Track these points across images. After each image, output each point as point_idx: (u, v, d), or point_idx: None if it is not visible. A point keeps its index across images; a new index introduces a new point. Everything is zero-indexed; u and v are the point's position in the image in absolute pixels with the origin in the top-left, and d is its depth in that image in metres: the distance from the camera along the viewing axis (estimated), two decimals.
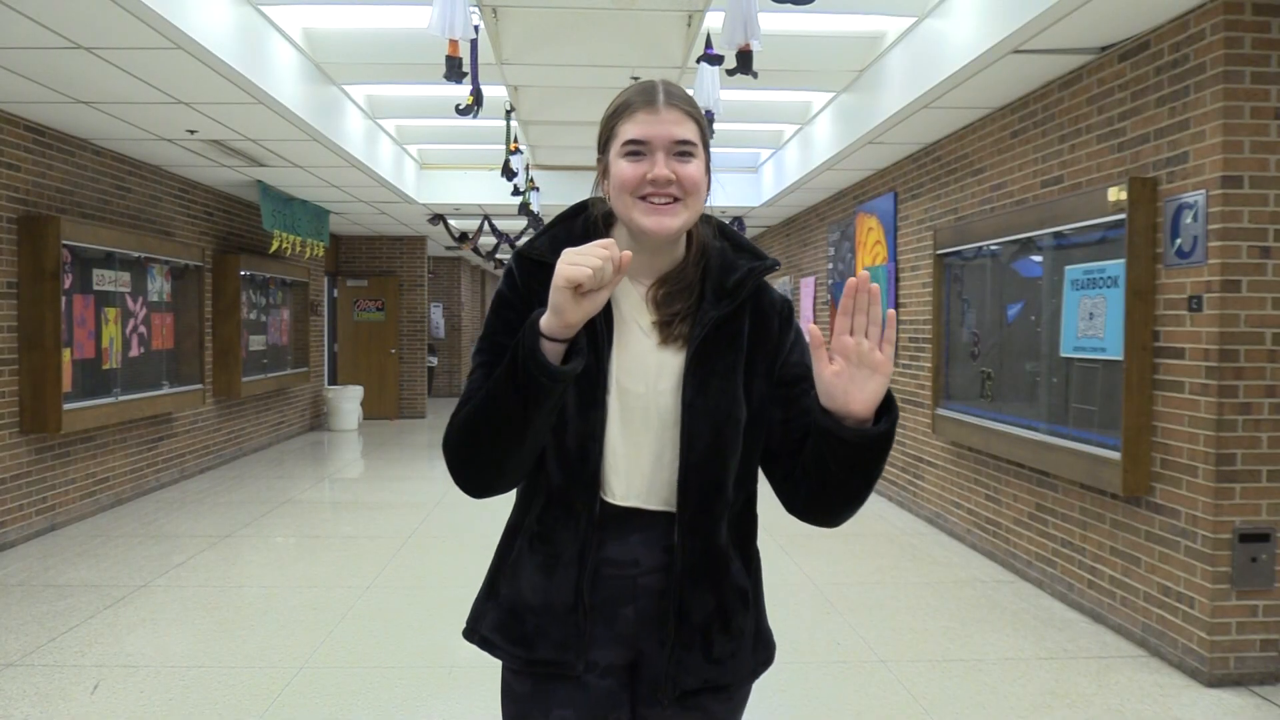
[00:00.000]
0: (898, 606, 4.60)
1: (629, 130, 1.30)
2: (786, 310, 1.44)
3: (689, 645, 1.36)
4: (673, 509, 1.35)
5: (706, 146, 1.35)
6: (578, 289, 1.15)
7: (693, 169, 1.30)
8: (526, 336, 1.19)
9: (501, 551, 1.43)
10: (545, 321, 1.20)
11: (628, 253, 1.17)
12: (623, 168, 1.30)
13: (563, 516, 1.34)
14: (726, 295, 1.36)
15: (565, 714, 1.36)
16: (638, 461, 1.34)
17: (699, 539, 1.35)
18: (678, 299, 1.36)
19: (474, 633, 1.43)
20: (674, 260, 1.39)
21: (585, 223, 1.41)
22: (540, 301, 1.27)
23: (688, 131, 1.30)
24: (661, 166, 1.28)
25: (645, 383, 1.34)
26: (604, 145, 1.36)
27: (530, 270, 1.37)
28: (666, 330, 1.34)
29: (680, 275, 1.37)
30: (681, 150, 1.30)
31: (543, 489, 1.35)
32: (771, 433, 1.40)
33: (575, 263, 1.15)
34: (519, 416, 1.21)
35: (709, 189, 1.36)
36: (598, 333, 1.32)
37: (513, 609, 1.38)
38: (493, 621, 1.40)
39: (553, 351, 1.20)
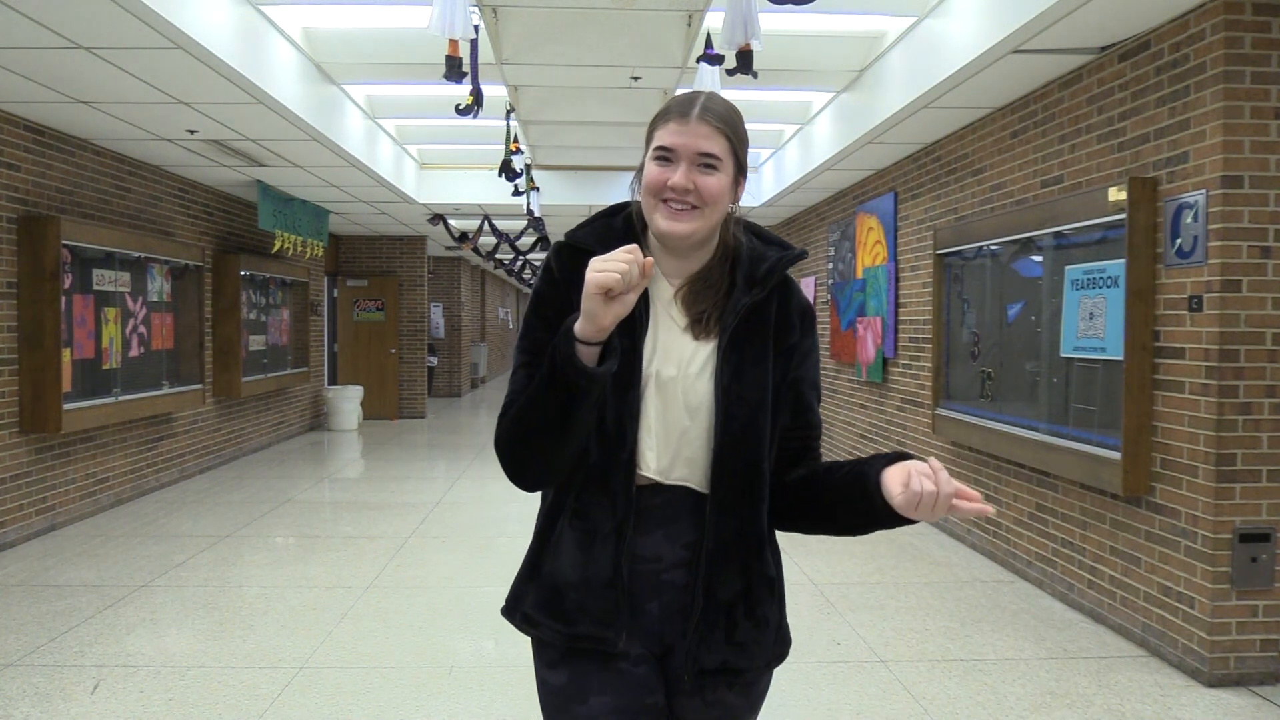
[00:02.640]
0: (898, 606, 4.60)
1: (661, 137, 1.38)
2: (810, 317, 1.50)
3: (713, 624, 1.41)
4: (699, 488, 1.41)
5: (739, 160, 1.41)
6: (608, 293, 1.23)
7: (713, 181, 1.37)
8: (562, 343, 1.28)
9: (543, 532, 1.46)
10: (579, 326, 1.28)
11: (650, 259, 1.25)
12: (650, 170, 1.39)
13: (600, 494, 1.39)
14: (758, 284, 1.44)
15: (603, 700, 1.40)
16: (667, 439, 1.40)
17: (734, 520, 1.41)
18: (704, 297, 1.44)
19: (515, 611, 1.47)
20: (703, 262, 1.47)
21: (625, 219, 1.49)
22: (578, 288, 1.36)
23: (714, 146, 1.36)
24: (681, 175, 1.36)
25: (678, 367, 1.41)
26: (646, 144, 1.44)
27: (570, 261, 1.44)
28: (699, 327, 1.42)
29: (707, 275, 1.45)
30: (705, 163, 1.36)
31: (582, 468, 1.40)
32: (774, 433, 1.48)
33: (603, 269, 1.23)
34: (562, 417, 1.30)
35: (737, 199, 1.44)
36: (635, 319, 1.39)
37: (554, 585, 1.42)
38: (535, 599, 1.44)
39: (588, 354, 1.28)
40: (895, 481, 1.28)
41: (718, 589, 1.41)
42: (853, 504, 1.37)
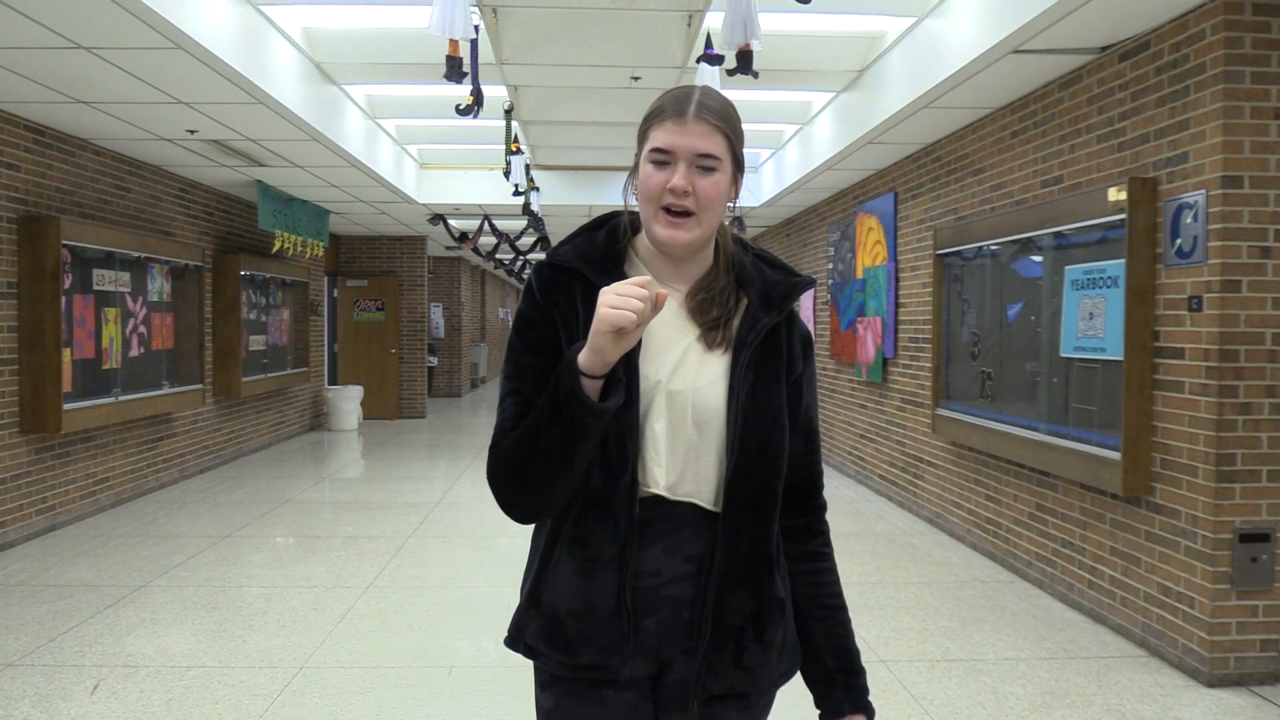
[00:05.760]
0: (898, 606, 4.60)
1: (657, 138, 1.33)
2: (810, 343, 1.50)
3: (721, 649, 1.37)
4: (706, 505, 1.36)
5: (737, 158, 1.37)
6: (619, 331, 1.18)
7: (710, 183, 1.32)
8: (566, 377, 1.23)
9: (542, 559, 1.42)
10: (584, 360, 1.23)
11: (663, 291, 1.21)
12: (647, 173, 1.34)
13: (600, 519, 1.34)
14: (775, 306, 1.41)
15: None
16: (675, 454, 1.35)
17: (745, 541, 1.37)
18: (714, 305, 1.40)
19: (518, 641, 1.43)
20: (703, 267, 1.42)
21: (609, 233, 1.44)
22: (560, 309, 1.36)
23: (712, 145, 1.32)
24: (680, 177, 1.31)
25: (685, 382, 1.36)
26: (639, 144, 1.40)
27: (552, 279, 1.39)
28: (711, 336, 1.38)
29: (713, 283, 1.41)
30: (703, 164, 1.32)
31: (581, 493, 1.35)
32: None
33: (618, 306, 1.18)
34: (564, 451, 1.26)
35: (736, 196, 1.40)
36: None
37: (555, 615, 1.37)
38: (536, 629, 1.40)
39: (591, 387, 1.25)
40: None
41: (727, 614, 1.36)
42: (811, 658, 1.51)
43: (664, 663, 1.39)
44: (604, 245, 1.41)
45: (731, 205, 1.40)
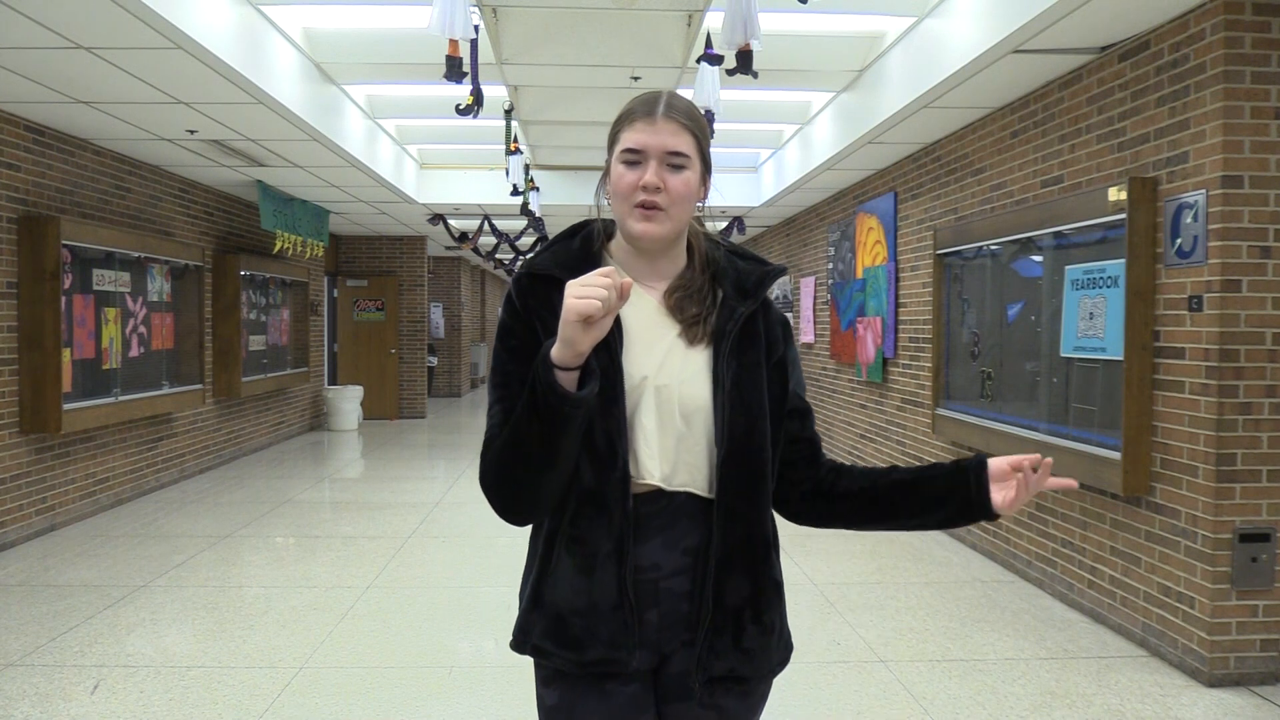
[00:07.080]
0: (898, 606, 4.60)
1: (628, 138, 1.38)
2: (788, 326, 1.55)
3: (721, 630, 1.40)
4: (701, 492, 1.40)
5: (705, 157, 1.43)
6: (587, 320, 1.21)
7: (680, 180, 1.38)
8: (541, 371, 1.26)
9: (542, 559, 1.44)
10: (556, 353, 1.26)
11: (628, 280, 1.23)
12: (619, 173, 1.39)
13: (595, 516, 1.37)
14: (750, 295, 1.46)
15: None
16: (665, 446, 1.39)
17: (741, 525, 1.40)
18: (693, 303, 1.45)
19: (525, 643, 1.44)
20: (677, 266, 1.48)
21: (583, 239, 1.48)
22: (540, 317, 1.39)
23: (682, 144, 1.37)
24: (651, 173, 1.36)
25: (670, 376, 1.40)
26: (610, 148, 1.44)
27: (530, 288, 1.43)
28: (692, 332, 1.43)
29: (690, 282, 1.46)
30: (673, 161, 1.37)
31: (574, 491, 1.38)
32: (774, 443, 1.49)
33: (583, 295, 1.20)
34: (547, 446, 1.29)
35: (705, 196, 1.46)
36: (610, 333, 1.38)
37: (559, 614, 1.40)
38: (542, 629, 1.41)
39: (567, 379, 1.27)
40: (1004, 460, 1.43)
41: (726, 595, 1.39)
42: (935, 486, 1.46)
43: (664, 655, 1.42)
44: (579, 251, 1.46)
45: (701, 205, 1.46)
